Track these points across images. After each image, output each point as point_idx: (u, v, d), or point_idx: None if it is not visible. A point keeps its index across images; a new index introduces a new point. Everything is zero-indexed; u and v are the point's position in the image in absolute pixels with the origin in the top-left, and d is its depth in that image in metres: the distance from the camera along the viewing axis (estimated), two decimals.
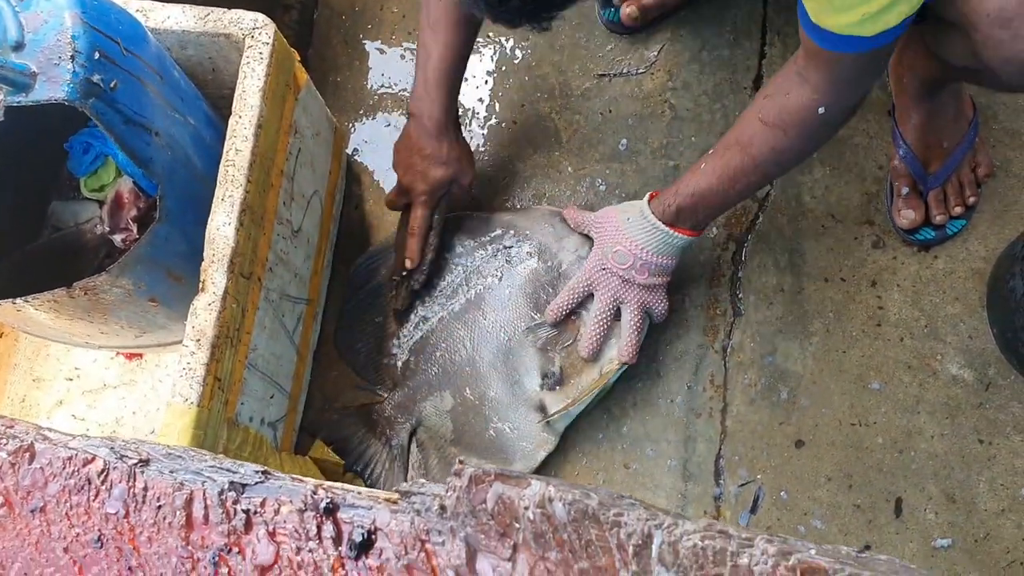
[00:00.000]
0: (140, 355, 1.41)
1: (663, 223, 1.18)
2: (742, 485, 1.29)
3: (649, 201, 1.19)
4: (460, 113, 1.52)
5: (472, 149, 1.49)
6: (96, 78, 0.96)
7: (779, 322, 1.34)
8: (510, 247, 1.36)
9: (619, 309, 1.26)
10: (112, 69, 0.98)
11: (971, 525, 1.23)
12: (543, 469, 1.33)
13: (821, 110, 1.02)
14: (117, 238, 1.30)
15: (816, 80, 1.00)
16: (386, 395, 1.39)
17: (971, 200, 1.31)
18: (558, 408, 1.28)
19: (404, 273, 1.35)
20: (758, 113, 1.06)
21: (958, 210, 1.31)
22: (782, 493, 1.27)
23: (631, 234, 1.20)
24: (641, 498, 1.25)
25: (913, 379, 1.29)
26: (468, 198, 1.38)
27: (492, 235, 1.37)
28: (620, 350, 1.26)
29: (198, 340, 1.06)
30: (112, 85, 0.97)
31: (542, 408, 1.30)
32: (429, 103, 1.27)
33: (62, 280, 1.08)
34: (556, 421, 1.30)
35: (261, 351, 1.19)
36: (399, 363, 1.39)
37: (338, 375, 1.43)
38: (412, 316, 1.38)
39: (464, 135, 1.51)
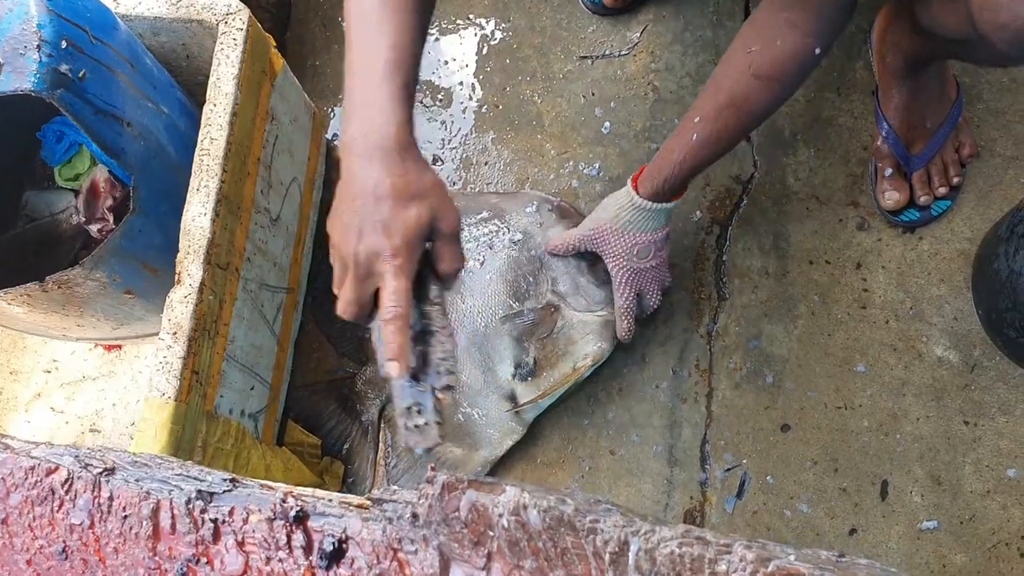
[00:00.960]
0: (119, 346, 1.39)
1: (660, 202, 1.16)
2: (728, 470, 1.28)
3: (636, 188, 1.18)
4: (440, 97, 1.50)
5: (453, 134, 1.48)
6: (64, 68, 0.93)
7: (764, 305, 1.33)
8: (494, 232, 1.34)
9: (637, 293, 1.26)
10: (80, 58, 0.96)
11: (957, 507, 1.22)
12: (520, 454, 1.33)
13: (817, 51, 1.01)
14: (93, 228, 1.28)
15: (807, 23, 0.99)
16: (358, 370, 1.38)
17: (955, 181, 1.30)
18: (528, 399, 1.28)
19: (413, 385, 0.86)
20: (749, 69, 1.04)
21: (942, 191, 1.30)
22: (768, 477, 1.27)
23: (638, 228, 1.19)
24: (627, 484, 1.25)
25: (898, 361, 1.29)
26: (458, 260, 0.88)
27: (477, 218, 1.36)
28: (621, 330, 1.26)
29: (175, 333, 1.05)
30: (80, 75, 0.95)
31: (512, 397, 1.29)
32: (383, 115, 0.83)
33: (38, 271, 1.06)
34: (525, 412, 1.29)
35: (240, 343, 1.17)
36: (374, 337, 1.37)
37: (319, 359, 1.42)
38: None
39: (443, 120, 1.49)
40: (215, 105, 1.11)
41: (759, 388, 1.30)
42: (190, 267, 1.06)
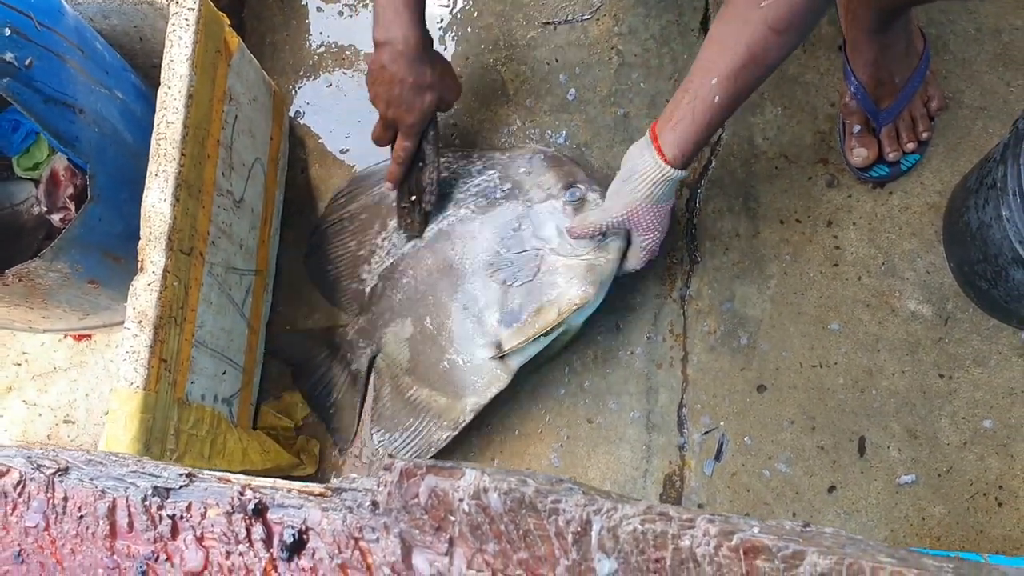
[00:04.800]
0: (89, 336, 1.38)
1: (685, 168, 1.13)
2: (706, 433, 1.28)
3: (666, 161, 1.11)
4: None
5: None
6: (8, 56, 0.91)
7: (736, 267, 1.33)
8: (486, 183, 1.34)
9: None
10: (26, 46, 0.94)
11: (934, 460, 1.23)
12: (497, 425, 1.32)
13: None
14: (55, 218, 1.26)
15: None
16: (351, 319, 1.39)
17: (924, 135, 1.30)
18: (513, 344, 1.27)
19: (412, 198, 1.32)
20: (767, 24, 1.01)
21: (911, 146, 1.29)
22: (746, 439, 1.27)
23: (667, 198, 1.16)
24: (606, 452, 1.25)
25: (872, 317, 1.28)
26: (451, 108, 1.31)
27: (473, 169, 1.35)
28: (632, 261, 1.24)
29: (140, 322, 1.03)
30: (27, 63, 0.93)
31: (498, 345, 1.28)
32: (401, 26, 1.16)
33: (2, 264, 1.05)
34: (510, 358, 1.28)
35: (209, 328, 1.16)
36: (367, 288, 1.38)
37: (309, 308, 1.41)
38: (385, 243, 1.38)
39: None
40: (170, 88, 1.09)
41: (734, 350, 1.30)
42: (152, 254, 1.05)
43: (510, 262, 1.29)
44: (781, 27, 1.01)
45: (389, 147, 1.29)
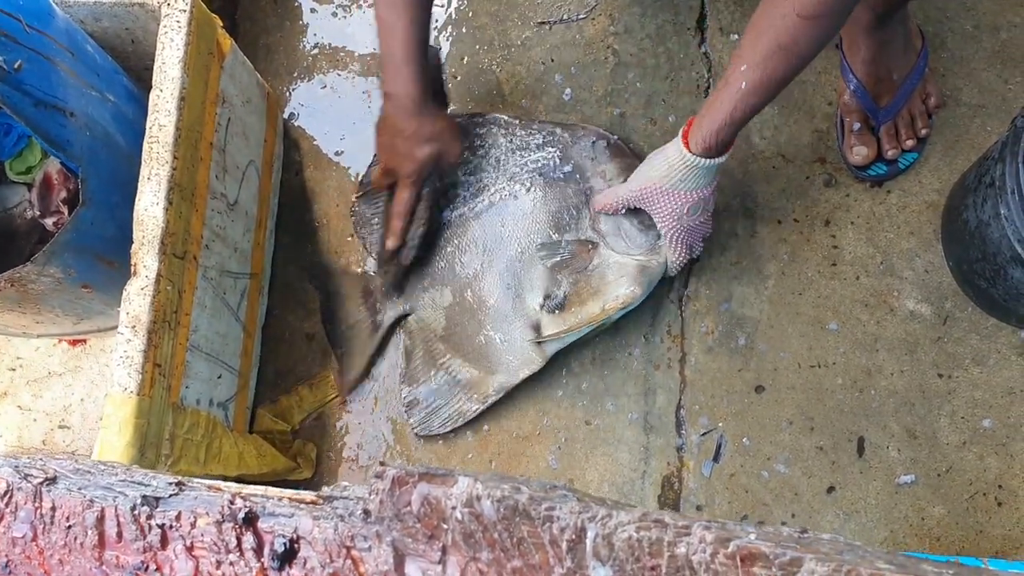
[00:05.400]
0: (84, 340, 1.37)
1: (711, 158, 1.11)
2: (704, 434, 1.28)
3: (687, 145, 1.11)
4: None
5: None
6: None
7: (734, 268, 1.32)
8: (546, 160, 1.33)
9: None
10: (15, 48, 0.93)
11: (933, 460, 1.22)
12: (495, 428, 1.32)
13: None
14: (48, 222, 1.25)
15: None
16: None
17: (923, 132, 1.29)
18: (552, 332, 1.27)
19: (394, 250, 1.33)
20: (794, 11, 0.99)
21: (910, 143, 1.29)
22: (744, 440, 1.26)
23: (689, 186, 1.15)
24: (603, 453, 1.24)
25: (870, 317, 1.28)
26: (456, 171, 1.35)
27: (532, 143, 1.34)
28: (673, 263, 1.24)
29: (133, 327, 1.03)
30: (16, 66, 0.92)
31: (537, 328, 1.28)
32: (403, 81, 1.21)
33: None
34: (547, 344, 1.28)
35: (203, 331, 1.15)
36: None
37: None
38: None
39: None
40: (162, 90, 1.08)
41: (732, 351, 1.29)
42: (145, 258, 1.04)
43: (563, 248, 1.29)
44: (808, 14, 0.98)
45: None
